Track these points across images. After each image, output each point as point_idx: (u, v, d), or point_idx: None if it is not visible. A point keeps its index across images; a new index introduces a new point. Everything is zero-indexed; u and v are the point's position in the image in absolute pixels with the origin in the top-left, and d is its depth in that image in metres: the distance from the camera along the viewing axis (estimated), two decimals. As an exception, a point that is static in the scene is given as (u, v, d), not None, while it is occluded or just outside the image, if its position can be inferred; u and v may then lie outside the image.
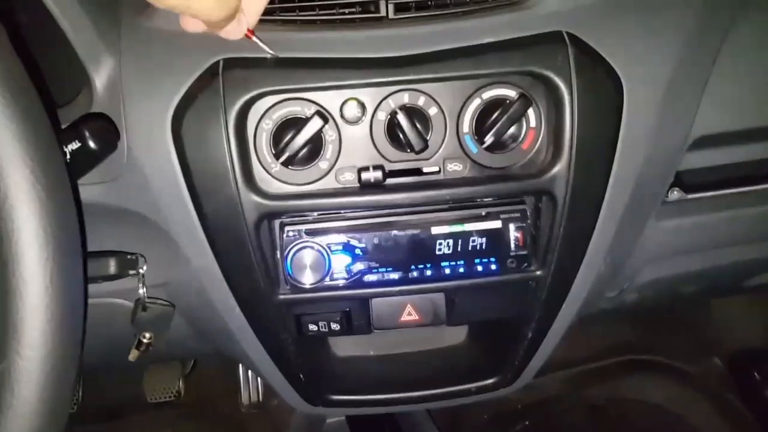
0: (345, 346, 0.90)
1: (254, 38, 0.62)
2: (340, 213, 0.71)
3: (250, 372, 1.47)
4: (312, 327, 0.76)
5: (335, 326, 0.76)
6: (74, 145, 0.52)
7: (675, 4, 0.69)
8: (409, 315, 0.77)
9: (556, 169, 0.68)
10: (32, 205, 0.37)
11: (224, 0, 0.54)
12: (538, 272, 0.74)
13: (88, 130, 0.53)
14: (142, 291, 0.71)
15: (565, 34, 0.66)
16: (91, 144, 0.53)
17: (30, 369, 0.37)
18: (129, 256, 0.66)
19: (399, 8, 0.68)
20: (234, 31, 0.60)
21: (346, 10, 0.69)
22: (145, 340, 0.73)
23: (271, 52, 0.64)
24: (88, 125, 0.54)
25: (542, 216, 0.72)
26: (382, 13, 0.68)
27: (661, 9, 0.69)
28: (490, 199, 0.71)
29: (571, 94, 0.65)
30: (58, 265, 0.38)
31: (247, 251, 0.69)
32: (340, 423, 1.24)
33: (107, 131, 0.57)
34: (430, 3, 0.69)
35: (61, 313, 0.38)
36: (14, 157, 0.37)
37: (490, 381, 0.85)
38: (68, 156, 0.52)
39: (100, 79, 0.65)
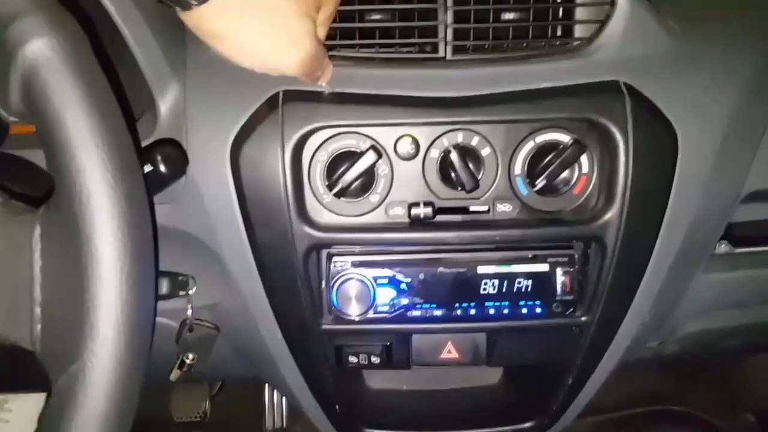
0: (378, 379, 0.90)
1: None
2: (387, 247, 0.72)
3: (275, 397, 1.47)
4: (352, 359, 0.77)
5: (375, 359, 0.76)
6: (146, 168, 0.54)
7: (732, 57, 0.70)
8: (449, 353, 0.77)
9: (607, 217, 0.68)
10: (112, 209, 0.38)
11: (302, 59, 0.59)
12: (583, 318, 0.74)
13: (160, 155, 0.55)
14: (189, 312, 0.72)
15: (622, 85, 0.66)
16: (162, 168, 0.55)
17: (104, 370, 0.38)
18: (180, 278, 0.67)
19: (457, 49, 0.70)
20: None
21: (405, 50, 0.71)
22: (188, 361, 0.74)
23: (330, 88, 0.66)
24: (160, 150, 0.56)
25: (590, 262, 0.72)
26: (441, 54, 0.70)
27: (718, 62, 0.69)
28: (539, 242, 0.72)
29: (626, 143, 0.66)
30: (134, 269, 0.39)
31: (294, 280, 0.70)
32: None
33: (177, 157, 0.59)
34: (487, 46, 0.70)
35: (135, 317, 0.39)
36: (96, 162, 0.38)
37: (526, 425, 0.84)
38: (141, 178, 0.54)
39: (165, 104, 0.67)
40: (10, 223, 0.45)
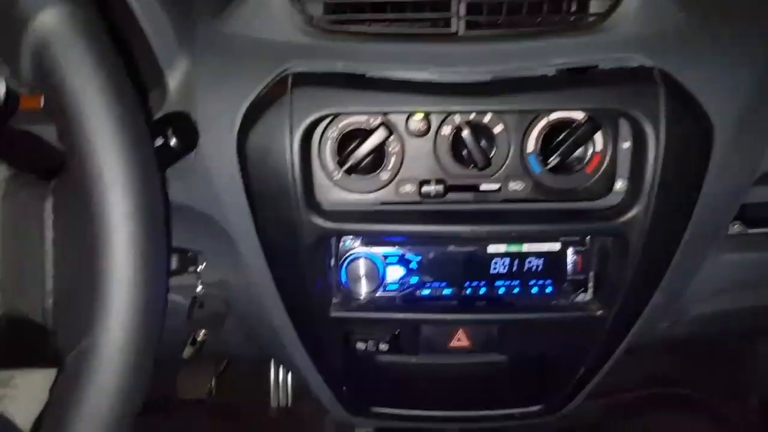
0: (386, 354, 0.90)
1: None
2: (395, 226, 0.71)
3: (280, 376, 1.47)
4: (360, 345, 0.76)
5: (384, 346, 0.76)
6: (157, 142, 0.53)
7: (749, 32, 0.68)
8: (459, 341, 0.76)
9: (632, 213, 0.66)
10: (124, 182, 0.38)
11: None
12: (600, 312, 0.73)
13: (171, 128, 0.55)
14: (199, 288, 0.72)
15: (656, 72, 0.64)
16: (173, 142, 0.54)
17: (116, 344, 0.38)
18: (189, 254, 0.67)
19: (469, 25, 0.68)
20: None
21: (417, 25, 0.69)
22: (199, 338, 0.74)
23: (341, 64, 0.65)
24: (172, 124, 0.55)
25: (610, 257, 0.71)
26: (453, 29, 0.68)
27: (736, 37, 0.67)
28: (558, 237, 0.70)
29: (657, 137, 0.63)
30: (147, 243, 0.39)
31: (301, 265, 0.69)
32: (369, 435, 1.24)
33: (189, 131, 0.58)
34: (500, 22, 0.69)
35: (148, 291, 0.39)
36: (108, 134, 0.38)
37: (535, 408, 0.83)
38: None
39: (173, 80, 0.66)
40: (22, 194, 0.44)
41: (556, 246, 0.71)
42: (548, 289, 0.72)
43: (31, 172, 0.47)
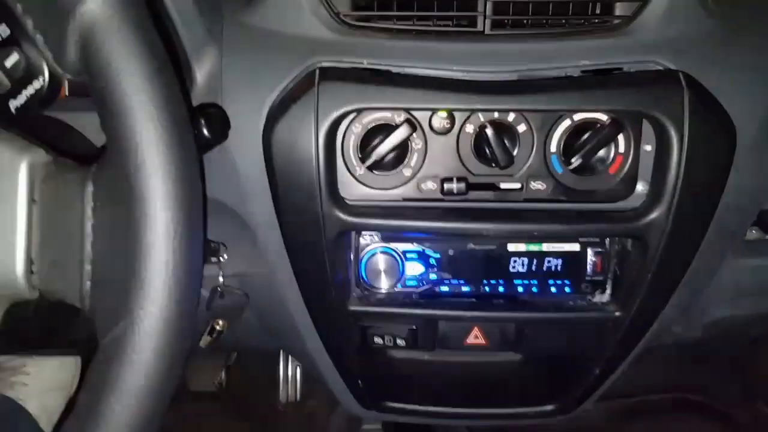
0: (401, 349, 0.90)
1: None
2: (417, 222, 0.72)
3: (290, 370, 1.48)
4: (377, 340, 0.77)
5: (401, 342, 0.77)
6: (192, 132, 0.54)
7: None
8: (476, 338, 0.77)
9: (653, 216, 0.66)
10: (167, 169, 0.39)
11: None
12: (618, 313, 0.73)
13: (203, 118, 0.55)
14: (221, 278, 0.73)
15: (681, 76, 0.64)
16: (206, 132, 0.55)
17: (153, 327, 0.39)
18: (212, 244, 0.68)
19: (495, 24, 0.69)
20: None
21: (443, 23, 0.70)
22: (218, 327, 0.75)
23: (367, 61, 0.65)
24: (204, 114, 0.56)
25: (630, 258, 0.71)
26: (479, 28, 0.69)
27: (759, 41, 0.68)
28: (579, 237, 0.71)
29: (681, 140, 0.63)
30: (186, 230, 0.39)
31: (322, 258, 0.70)
32: (376, 430, 1.24)
33: (220, 122, 0.59)
34: (526, 22, 0.69)
35: (186, 277, 0.39)
36: (153, 122, 0.38)
37: (548, 407, 0.84)
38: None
39: (201, 72, 0.66)
40: (62, 180, 0.45)
41: (575, 246, 0.71)
42: (566, 289, 0.73)
43: (68, 158, 0.47)
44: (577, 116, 0.67)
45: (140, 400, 0.39)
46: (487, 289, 0.73)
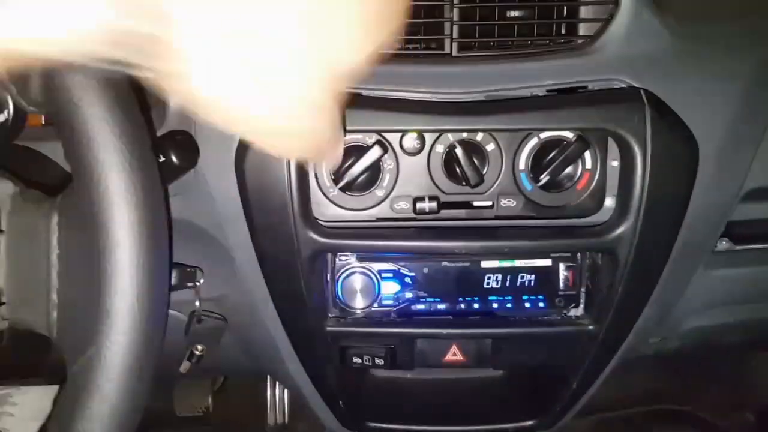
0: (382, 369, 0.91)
1: None
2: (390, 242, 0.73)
3: (277, 393, 1.47)
4: (356, 360, 0.77)
5: (379, 361, 0.77)
6: (159, 159, 0.55)
7: (734, 54, 0.70)
8: (454, 356, 0.77)
9: (621, 230, 0.68)
10: (129, 198, 0.39)
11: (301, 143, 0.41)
12: (591, 327, 0.74)
13: (172, 146, 0.56)
14: (198, 303, 0.73)
15: (642, 93, 0.66)
16: (174, 159, 0.56)
17: (118, 355, 0.39)
18: (188, 269, 0.68)
19: (462, 47, 0.70)
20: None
21: (411, 46, 0.71)
22: (197, 353, 0.75)
23: None
24: (173, 141, 0.57)
25: (600, 272, 0.72)
26: (446, 50, 0.70)
27: (721, 59, 0.69)
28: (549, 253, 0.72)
29: (644, 156, 0.65)
30: (149, 257, 0.40)
31: (297, 280, 0.70)
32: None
33: (190, 149, 0.60)
34: (492, 43, 0.71)
35: (150, 303, 0.40)
36: (115, 152, 0.39)
37: (528, 423, 0.84)
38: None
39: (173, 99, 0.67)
40: (29, 211, 0.46)
41: (547, 261, 0.73)
42: (540, 304, 0.74)
43: (35, 188, 0.48)
44: (544, 134, 0.69)
45: (107, 429, 0.40)
46: (462, 306, 0.74)
